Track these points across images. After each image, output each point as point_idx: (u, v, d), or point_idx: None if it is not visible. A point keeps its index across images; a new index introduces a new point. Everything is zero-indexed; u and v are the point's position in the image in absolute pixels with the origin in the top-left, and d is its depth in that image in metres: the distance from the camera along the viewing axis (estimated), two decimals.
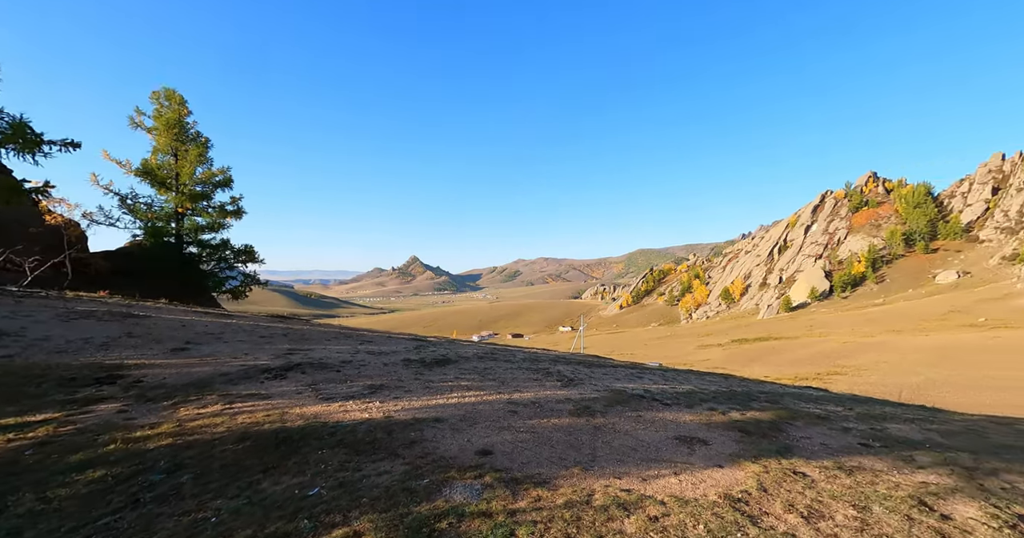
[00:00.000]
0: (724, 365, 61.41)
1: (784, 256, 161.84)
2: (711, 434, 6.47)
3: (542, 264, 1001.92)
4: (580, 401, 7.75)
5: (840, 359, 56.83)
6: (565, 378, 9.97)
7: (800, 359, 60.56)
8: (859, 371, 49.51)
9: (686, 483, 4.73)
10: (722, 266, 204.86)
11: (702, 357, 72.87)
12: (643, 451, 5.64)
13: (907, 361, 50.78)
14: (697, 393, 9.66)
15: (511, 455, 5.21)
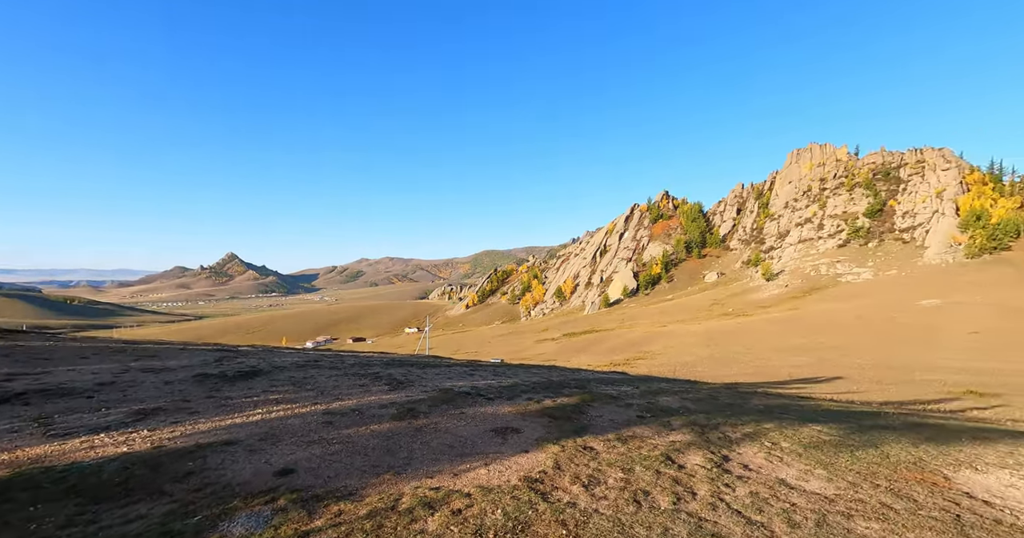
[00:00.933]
0: (556, 357, 68.33)
1: (604, 259, 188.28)
2: (524, 423, 7.05)
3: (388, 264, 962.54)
4: (405, 404, 7.63)
5: (643, 346, 68.67)
6: (395, 381, 9.71)
7: (615, 347, 71.22)
8: (655, 355, 60.61)
9: (494, 472, 5.04)
10: (556, 267, 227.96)
11: (538, 351, 79.76)
12: (460, 447, 5.82)
13: (685, 344, 64.18)
14: (520, 385, 10.46)
15: (317, 470, 4.81)
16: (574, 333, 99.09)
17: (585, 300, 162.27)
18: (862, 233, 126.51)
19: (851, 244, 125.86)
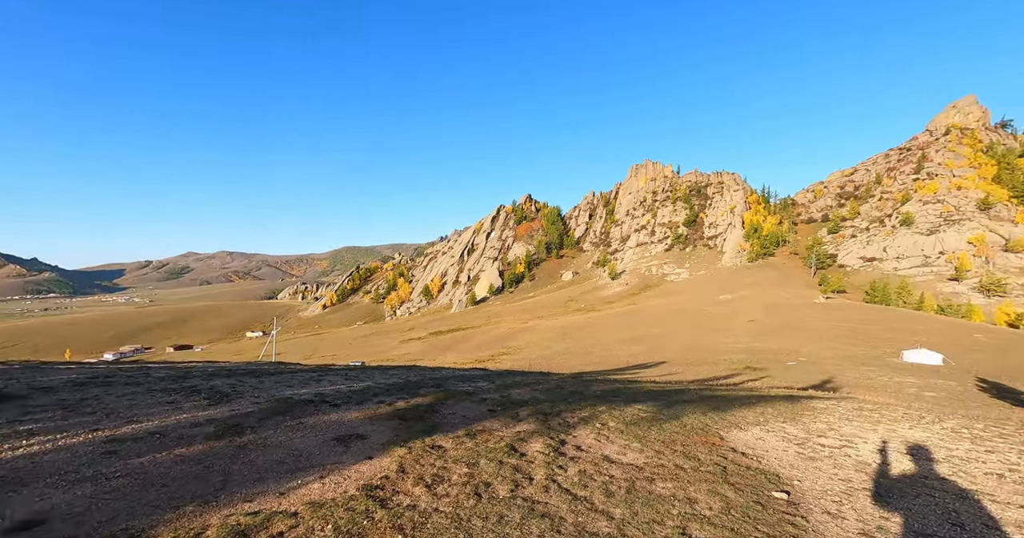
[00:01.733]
0: (422, 356, 67.25)
1: (472, 257, 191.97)
2: (372, 427, 6.68)
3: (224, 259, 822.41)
4: (228, 419, 6.59)
5: (507, 341, 71.88)
6: (218, 394, 8.33)
7: (480, 344, 73.12)
8: (518, 350, 63.99)
9: (329, 484, 4.64)
10: (424, 265, 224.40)
11: (404, 351, 77.46)
12: (293, 461, 5.23)
13: (544, 339, 69.21)
14: (373, 388, 9.94)
15: (83, 516, 3.81)
16: (441, 331, 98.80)
17: (453, 298, 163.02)
18: (682, 239, 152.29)
19: (674, 249, 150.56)
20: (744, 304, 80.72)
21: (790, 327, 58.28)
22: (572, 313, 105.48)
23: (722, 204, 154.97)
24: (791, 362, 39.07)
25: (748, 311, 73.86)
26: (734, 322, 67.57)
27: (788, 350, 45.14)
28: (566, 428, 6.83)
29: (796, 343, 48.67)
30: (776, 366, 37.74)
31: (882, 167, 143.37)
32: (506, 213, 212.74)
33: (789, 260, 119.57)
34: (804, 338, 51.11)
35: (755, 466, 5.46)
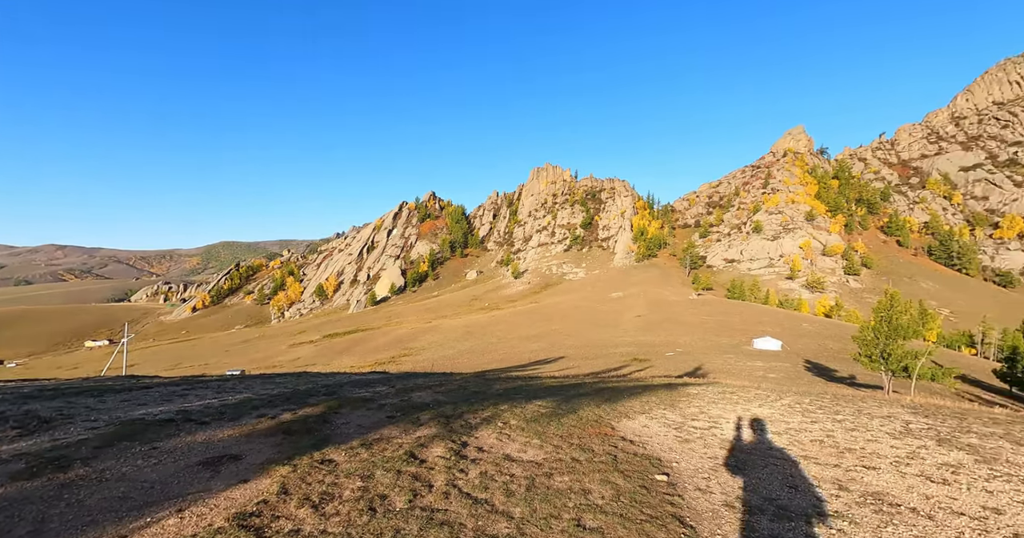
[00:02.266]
0: (314, 361, 62.19)
1: (372, 255, 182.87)
2: (249, 446, 5.91)
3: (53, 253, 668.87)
4: (48, 452, 5.33)
5: (409, 342, 69.72)
6: (36, 421, 6.72)
7: (381, 346, 69.87)
8: (420, 350, 62.44)
9: (190, 518, 3.97)
10: (317, 263, 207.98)
11: (292, 356, 70.91)
12: (141, 496, 4.38)
13: (448, 339, 68.56)
14: (253, 401, 8.85)
15: None
16: (337, 334, 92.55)
17: (351, 298, 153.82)
18: (579, 241, 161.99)
19: (572, 249, 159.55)
20: (633, 301, 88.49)
21: (670, 321, 65.29)
22: (476, 312, 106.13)
23: (614, 208, 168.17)
24: (670, 352, 43.76)
25: (636, 307, 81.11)
26: (624, 317, 73.69)
27: (668, 342, 50.50)
28: (468, 429, 6.75)
29: (674, 335, 54.67)
30: (658, 357, 41.97)
31: (740, 181, 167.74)
32: (409, 210, 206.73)
33: (669, 261, 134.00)
34: (681, 331, 57.64)
35: (641, 452, 5.92)
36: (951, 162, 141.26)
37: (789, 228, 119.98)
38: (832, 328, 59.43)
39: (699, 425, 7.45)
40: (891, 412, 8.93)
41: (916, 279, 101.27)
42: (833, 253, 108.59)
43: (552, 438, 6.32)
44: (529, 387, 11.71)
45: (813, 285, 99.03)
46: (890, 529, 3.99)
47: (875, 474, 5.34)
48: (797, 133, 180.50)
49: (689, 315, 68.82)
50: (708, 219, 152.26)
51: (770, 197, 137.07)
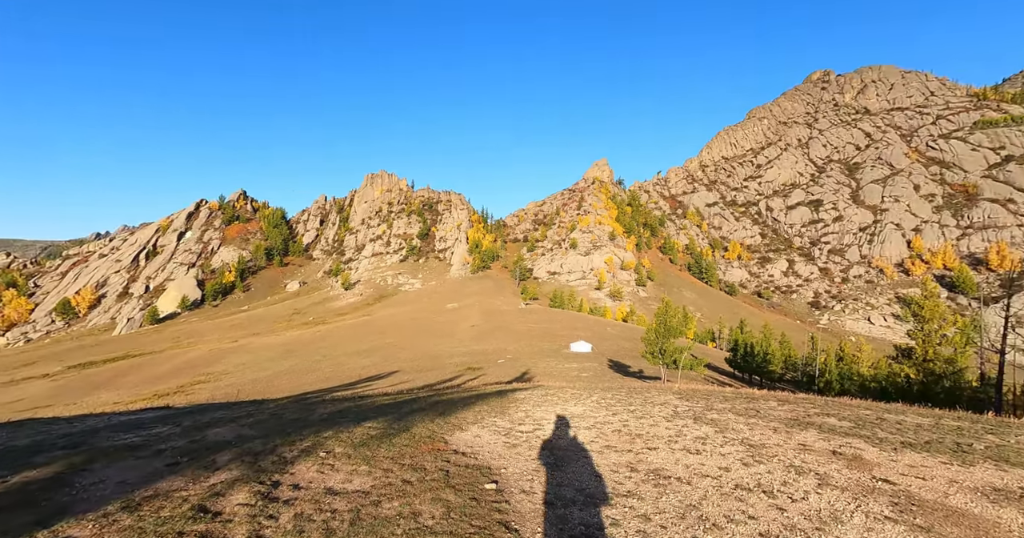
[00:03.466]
0: (50, 402, 46.20)
1: (153, 263, 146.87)
2: None
3: None
4: None
5: (206, 367, 57.73)
6: None
7: (163, 374, 56.08)
8: (222, 375, 52.28)
9: None
10: (61, 272, 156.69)
11: (12, 397, 51.40)
12: None
13: (261, 359, 59.27)
14: None
15: None
16: (93, 362, 71.23)
17: (118, 316, 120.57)
18: (415, 251, 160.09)
19: (408, 260, 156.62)
20: (468, 311, 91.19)
21: (501, 330, 69.32)
22: (298, 327, 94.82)
23: (451, 221, 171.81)
24: (501, 360, 46.36)
25: (471, 317, 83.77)
26: (459, 328, 75.29)
27: (499, 349, 53.46)
28: (282, 466, 5.87)
29: (505, 343, 58.23)
30: (491, 364, 44.00)
31: (560, 202, 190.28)
32: (211, 210, 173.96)
33: (502, 272, 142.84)
34: (511, 338, 61.72)
35: (472, 463, 6.04)
36: (700, 199, 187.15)
37: (597, 246, 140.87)
38: (628, 331, 71.59)
39: (525, 429, 8.00)
40: (666, 399, 11.13)
41: (681, 290, 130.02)
42: (628, 268, 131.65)
43: (382, 462, 5.95)
44: (358, 408, 10.88)
45: (614, 295, 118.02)
46: (664, 498, 4.91)
47: (656, 453, 6.54)
48: (602, 164, 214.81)
49: (518, 323, 74.31)
50: (535, 235, 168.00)
51: (583, 218, 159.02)
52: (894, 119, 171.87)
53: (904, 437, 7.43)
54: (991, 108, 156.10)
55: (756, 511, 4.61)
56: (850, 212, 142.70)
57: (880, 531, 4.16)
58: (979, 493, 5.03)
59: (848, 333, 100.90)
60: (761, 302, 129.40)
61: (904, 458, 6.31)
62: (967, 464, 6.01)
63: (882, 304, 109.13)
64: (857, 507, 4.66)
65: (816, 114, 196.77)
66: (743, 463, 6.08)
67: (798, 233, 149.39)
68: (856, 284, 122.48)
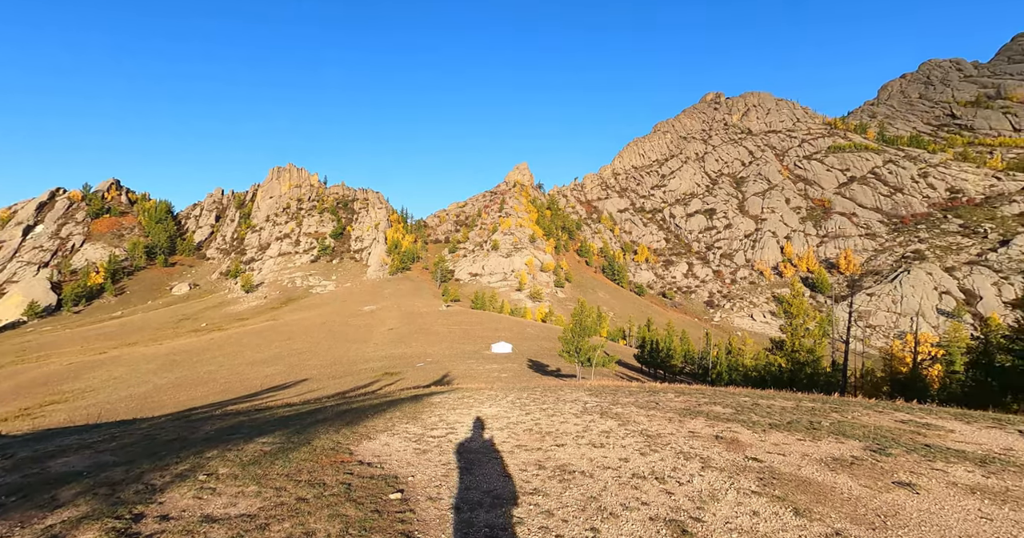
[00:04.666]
0: None
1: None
2: None
3: None
4: None
5: (63, 384, 48.91)
6: None
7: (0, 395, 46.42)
8: (85, 393, 44.64)
9: None
10: None
11: None
12: None
13: (139, 372, 51.64)
14: None
15: None
16: None
17: None
18: (329, 251, 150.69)
19: (321, 260, 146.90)
20: (385, 314, 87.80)
21: (421, 332, 67.74)
22: (187, 335, 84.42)
23: (368, 220, 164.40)
24: (420, 363, 45.29)
25: (389, 320, 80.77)
26: (376, 331, 72.22)
27: (419, 353, 52.18)
28: (148, 495, 5.12)
29: (425, 346, 56.98)
30: (410, 368, 42.77)
31: (482, 204, 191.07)
32: (71, 201, 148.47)
33: (422, 274, 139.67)
34: (431, 341, 60.56)
35: (378, 474, 5.77)
36: (613, 205, 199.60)
37: (518, 248, 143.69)
38: (547, 331, 73.84)
39: (437, 433, 7.85)
40: (576, 396, 11.62)
41: (596, 290, 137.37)
42: (548, 269, 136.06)
43: (275, 480, 5.45)
44: (254, 422, 9.90)
45: (534, 296, 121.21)
46: (567, 493, 5.10)
47: (563, 450, 6.78)
48: (523, 168, 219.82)
49: (439, 325, 73.18)
50: (456, 236, 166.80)
51: (505, 220, 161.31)
52: (770, 140, 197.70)
53: (772, 419, 8.52)
54: (840, 136, 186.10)
55: (648, 497, 4.97)
56: (737, 221, 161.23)
57: (747, 504, 4.70)
58: (823, 463, 5.91)
59: (736, 329, 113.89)
60: (665, 302, 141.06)
61: (771, 437, 7.22)
62: (816, 439, 7.04)
63: (762, 302, 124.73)
64: (731, 485, 5.22)
65: (710, 131, 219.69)
66: (641, 453, 6.53)
67: (696, 238, 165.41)
68: (742, 285, 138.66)
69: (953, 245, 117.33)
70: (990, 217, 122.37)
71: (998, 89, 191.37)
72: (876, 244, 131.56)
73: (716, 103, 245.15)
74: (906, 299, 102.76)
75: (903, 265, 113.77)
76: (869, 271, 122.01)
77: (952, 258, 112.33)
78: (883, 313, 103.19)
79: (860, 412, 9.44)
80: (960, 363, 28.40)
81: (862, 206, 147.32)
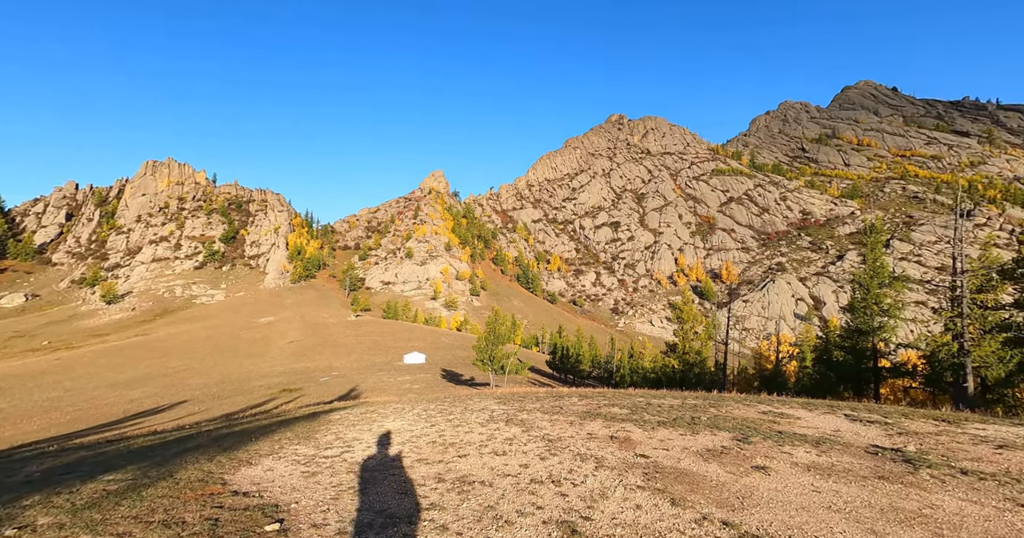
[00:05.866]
0: None
1: None
2: None
3: None
4: None
5: None
6: None
7: None
8: None
9: None
10: None
11: None
12: None
13: None
14: None
15: None
16: None
17: None
18: (218, 257, 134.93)
19: (207, 266, 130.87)
20: (286, 325, 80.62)
21: (327, 344, 63.23)
22: (22, 355, 69.87)
23: (267, 223, 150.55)
24: (325, 377, 42.18)
25: (290, 332, 74.25)
26: (275, 345, 65.95)
27: (324, 366, 48.58)
28: None
29: (331, 359, 53.22)
30: (312, 384, 39.58)
31: (395, 210, 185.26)
32: None
33: (329, 282, 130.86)
34: (338, 353, 56.75)
35: (255, 504, 5.18)
36: (527, 215, 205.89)
37: (433, 256, 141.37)
38: (462, 340, 73.24)
39: (331, 453, 7.29)
40: (485, 405, 11.61)
41: (511, 298, 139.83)
42: (463, 278, 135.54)
43: (117, 525, 4.61)
44: (101, 456, 8.36)
45: (450, 304, 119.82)
46: (465, 504, 5.01)
47: (465, 460, 6.69)
48: (439, 175, 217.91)
49: (347, 337, 68.95)
50: (368, 242, 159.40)
51: (419, 227, 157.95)
52: (666, 161, 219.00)
53: (660, 417, 9.26)
54: (721, 161, 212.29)
55: (544, 501, 5.07)
56: (639, 233, 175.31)
57: (633, 499, 5.01)
58: (698, 455, 6.55)
59: (638, 334, 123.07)
60: (576, 309, 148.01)
61: (658, 434, 7.83)
62: (695, 433, 7.79)
63: (660, 309, 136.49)
64: (620, 482, 5.54)
65: (615, 150, 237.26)
66: (541, 458, 6.67)
67: (603, 249, 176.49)
68: (643, 293, 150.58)
69: (805, 259, 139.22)
70: (830, 236, 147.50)
71: (833, 130, 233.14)
72: (749, 257, 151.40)
73: (620, 124, 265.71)
74: (772, 305, 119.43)
75: (770, 275, 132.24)
76: (745, 280, 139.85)
77: (804, 269, 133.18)
78: (755, 317, 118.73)
79: (732, 406, 10.65)
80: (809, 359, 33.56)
81: (739, 223, 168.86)
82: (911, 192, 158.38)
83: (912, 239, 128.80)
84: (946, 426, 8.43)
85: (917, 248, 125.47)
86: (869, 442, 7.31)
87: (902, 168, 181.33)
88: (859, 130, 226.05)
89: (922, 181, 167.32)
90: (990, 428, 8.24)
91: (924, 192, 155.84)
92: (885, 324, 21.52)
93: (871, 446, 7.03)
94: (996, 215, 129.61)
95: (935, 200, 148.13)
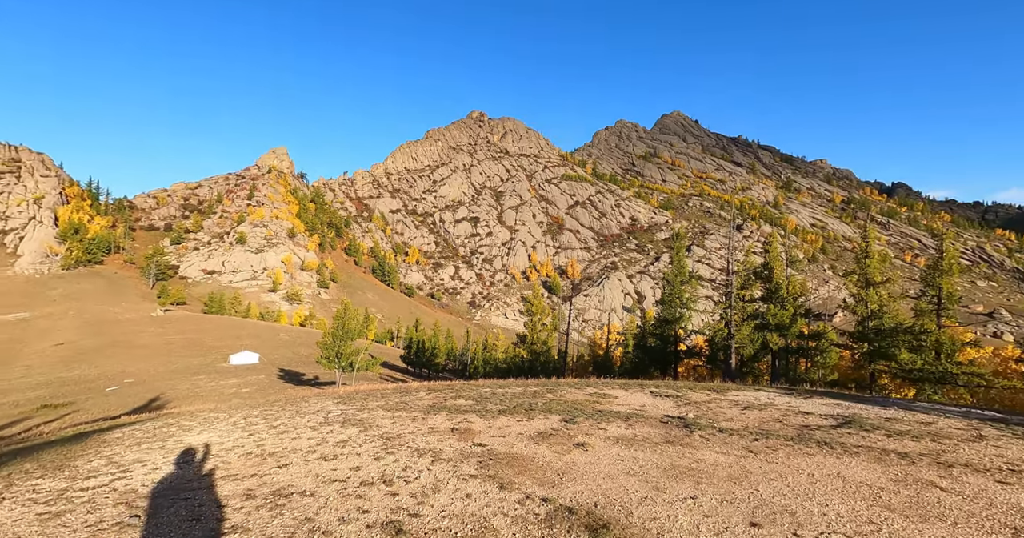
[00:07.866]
0: None
1: None
2: None
3: None
4: None
5: None
6: None
7: None
8: None
9: None
10: None
11: None
12: None
13: None
14: None
15: None
16: None
17: None
18: None
19: None
20: (51, 323, 62.36)
21: (118, 346, 50.80)
22: None
23: (20, 190, 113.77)
24: (113, 387, 33.86)
25: (58, 332, 57.62)
26: (32, 348, 50.50)
27: (113, 373, 38.94)
28: None
29: (124, 363, 42.91)
30: (91, 396, 31.37)
31: (223, 187, 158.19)
32: None
33: (124, 269, 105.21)
34: (135, 356, 46.04)
35: None
36: (385, 205, 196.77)
37: (273, 242, 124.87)
38: (306, 336, 66.35)
39: (94, 483, 5.74)
40: (321, 406, 10.61)
41: (365, 291, 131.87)
42: (310, 268, 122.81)
43: None
44: None
45: (292, 297, 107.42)
46: (276, 521, 4.43)
47: (285, 470, 5.95)
48: (281, 153, 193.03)
49: (150, 336, 56.48)
50: (184, 224, 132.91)
51: (256, 210, 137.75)
52: (522, 162, 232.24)
53: (502, 406, 9.69)
54: (569, 167, 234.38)
55: (371, 504, 4.78)
56: (497, 230, 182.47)
57: (464, 489, 5.07)
58: (531, 439, 7.01)
59: (493, 326, 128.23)
60: (434, 302, 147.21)
61: (497, 422, 8.15)
62: (531, 418, 8.34)
63: (514, 303, 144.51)
64: (454, 473, 5.56)
65: (476, 146, 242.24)
66: (376, 458, 6.32)
67: (463, 243, 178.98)
68: (499, 287, 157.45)
69: (632, 259, 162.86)
70: (651, 240, 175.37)
71: (655, 150, 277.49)
72: (590, 256, 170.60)
73: (480, 121, 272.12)
74: (606, 299, 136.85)
75: (605, 273, 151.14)
76: (586, 277, 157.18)
77: (632, 268, 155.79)
78: (593, 310, 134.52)
79: (566, 391, 11.75)
80: (631, 346, 39.35)
81: (583, 225, 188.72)
82: (706, 207, 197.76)
83: (705, 245, 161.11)
84: (715, 395, 10.67)
85: (708, 253, 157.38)
86: (664, 413, 8.80)
87: (700, 187, 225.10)
88: (673, 152, 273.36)
89: (713, 199, 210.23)
90: (741, 394, 10.70)
91: (714, 208, 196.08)
92: (684, 315, 26.42)
93: (665, 416, 8.46)
94: (756, 229, 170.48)
95: (720, 215, 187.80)
